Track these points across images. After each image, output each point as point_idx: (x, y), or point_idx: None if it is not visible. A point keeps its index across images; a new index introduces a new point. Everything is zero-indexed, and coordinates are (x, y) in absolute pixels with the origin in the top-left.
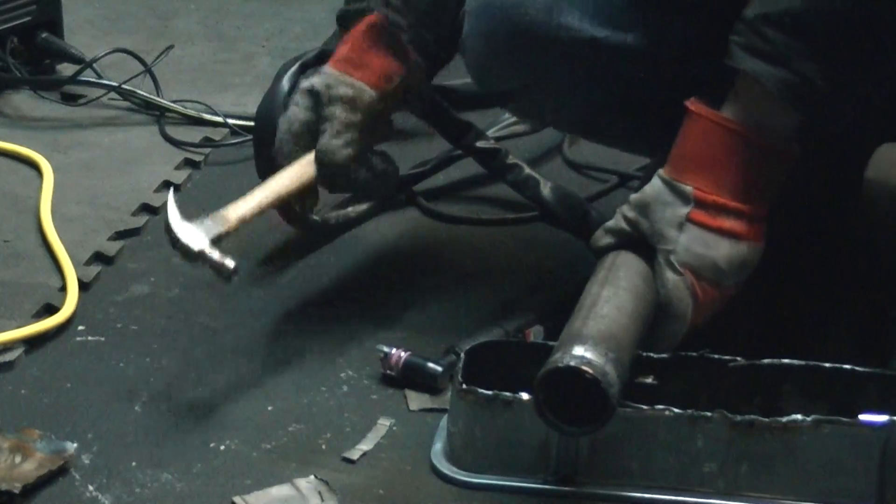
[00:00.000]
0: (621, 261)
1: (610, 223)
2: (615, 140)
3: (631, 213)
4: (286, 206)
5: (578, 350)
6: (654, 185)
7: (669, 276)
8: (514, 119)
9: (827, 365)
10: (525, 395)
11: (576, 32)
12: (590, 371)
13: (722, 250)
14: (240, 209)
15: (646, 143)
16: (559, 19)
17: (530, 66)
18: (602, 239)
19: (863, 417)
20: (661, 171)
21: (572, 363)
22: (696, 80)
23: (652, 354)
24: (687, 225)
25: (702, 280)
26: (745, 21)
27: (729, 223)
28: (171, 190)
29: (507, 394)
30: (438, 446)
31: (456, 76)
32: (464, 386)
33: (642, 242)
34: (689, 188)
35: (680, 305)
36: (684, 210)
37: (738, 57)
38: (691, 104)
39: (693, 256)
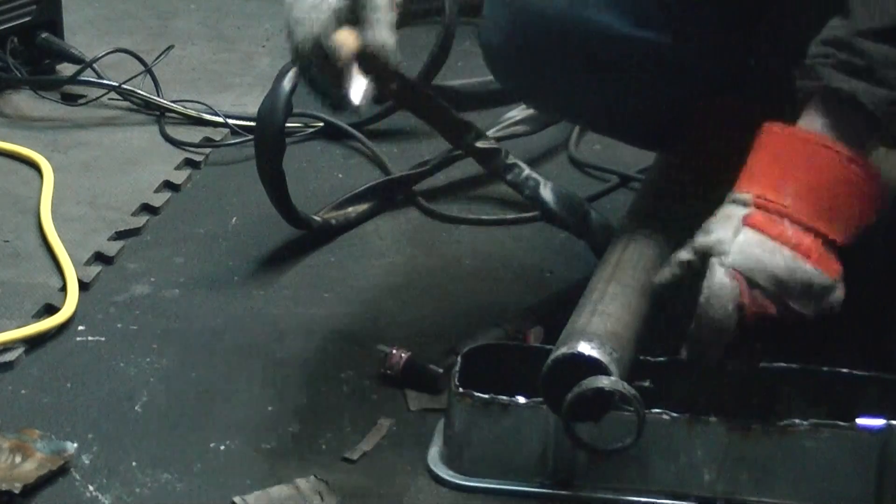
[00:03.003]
0: (628, 256)
1: (676, 255)
2: (630, 136)
3: (696, 239)
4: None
5: (584, 347)
6: (719, 208)
7: (717, 278)
8: (514, 119)
9: (825, 368)
10: (522, 399)
11: (597, 26)
12: (594, 356)
13: (781, 260)
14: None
15: (662, 140)
16: (581, 13)
17: (551, 60)
18: (664, 274)
19: (861, 421)
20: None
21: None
22: (719, 77)
23: (649, 357)
24: (744, 228)
25: (755, 289)
26: (833, 41)
27: (793, 234)
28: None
29: (504, 397)
30: (435, 449)
31: (456, 76)
32: (460, 389)
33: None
34: (748, 195)
35: (718, 312)
36: (741, 212)
37: (830, 76)
38: (767, 125)
39: (747, 259)
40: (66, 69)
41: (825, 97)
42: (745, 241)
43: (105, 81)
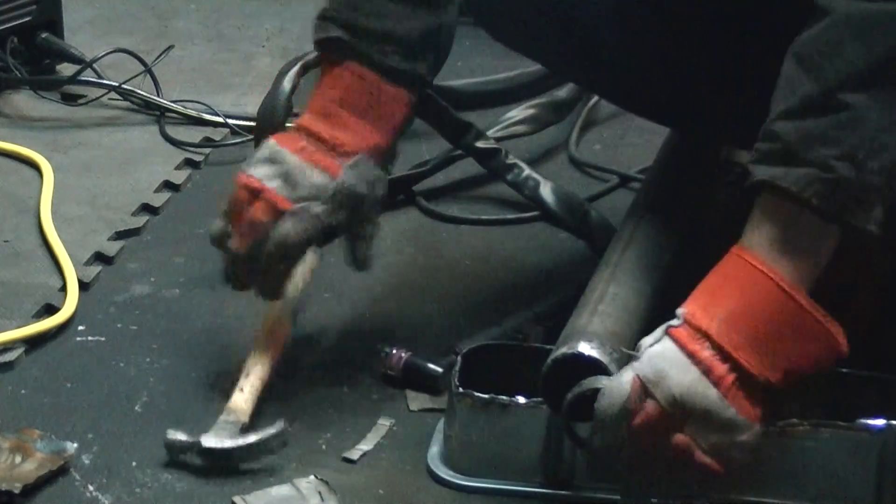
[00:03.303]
0: (628, 256)
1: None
2: (647, 103)
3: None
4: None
5: (584, 347)
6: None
7: (618, 378)
8: (514, 119)
9: None
10: (522, 399)
11: None
12: (594, 355)
13: (686, 379)
14: (246, 392)
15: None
16: None
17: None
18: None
19: (861, 421)
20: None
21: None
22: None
23: None
24: (664, 338)
25: (650, 399)
26: (760, 135)
27: (708, 356)
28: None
29: (504, 397)
30: (435, 449)
31: (456, 76)
32: (460, 389)
33: None
34: (683, 309)
35: (605, 410)
36: (672, 322)
37: (754, 171)
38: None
39: (651, 367)
40: (66, 69)
41: (760, 195)
42: (657, 351)
43: (105, 81)
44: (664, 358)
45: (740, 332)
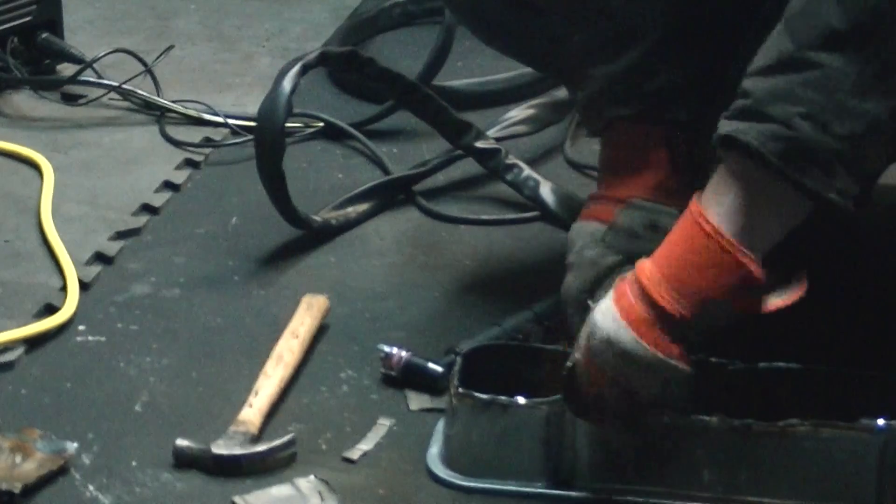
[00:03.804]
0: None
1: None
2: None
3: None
4: None
5: None
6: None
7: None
8: (514, 119)
9: (825, 368)
10: (522, 399)
11: None
12: None
13: (607, 325)
14: (255, 407)
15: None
16: None
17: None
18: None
19: (861, 421)
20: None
21: None
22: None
23: None
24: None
25: (579, 353)
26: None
27: (629, 303)
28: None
29: (504, 398)
30: (434, 450)
31: (456, 76)
32: (460, 390)
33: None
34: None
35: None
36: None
37: (720, 126)
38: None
39: (590, 322)
40: (66, 69)
41: (725, 153)
42: (600, 306)
43: (105, 81)
44: (599, 310)
45: (661, 270)
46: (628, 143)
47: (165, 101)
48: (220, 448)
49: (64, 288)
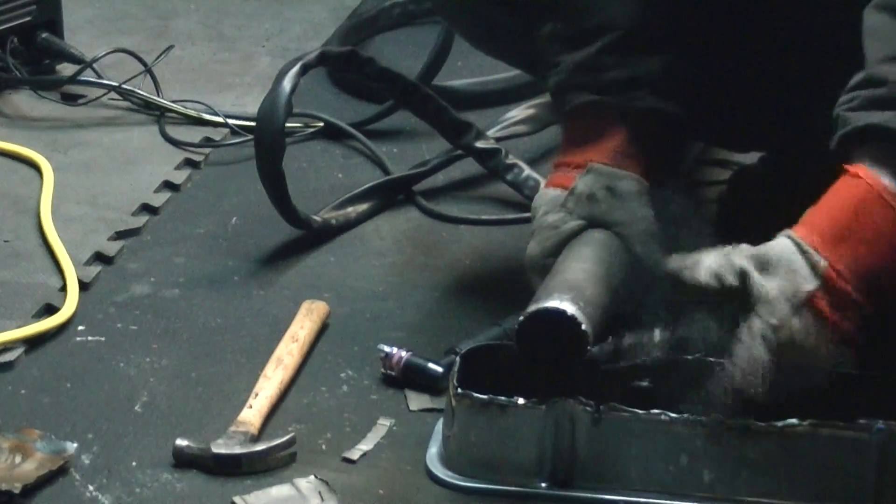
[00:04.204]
0: (586, 239)
1: (715, 264)
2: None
3: (744, 264)
4: None
5: (552, 303)
6: (782, 245)
7: (756, 351)
8: (514, 119)
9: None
10: (521, 400)
11: None
12: (565, 310)
13: (822, 352)
14: (255, 408)
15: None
16: None
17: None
18: (703, 276)
19: (861, 421)
20: (791, 231)
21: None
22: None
23: (647, 359)
24: (803, 310)
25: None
26: (855, 85)
27: (847, 326)
28: None
29: (503, 398)
30: (433, 450)
31: (456, 76)
32: (459, 390)
33: (745, 301)
34: (823, 262)
35: (745, 378)
36: (808, 287)
37: (858, 118)
38: (852, 166)
39: (794, 349)
40: (66, 69)
41: (866, 142)
42: (802, 325)
43: (105, 81)
44: (807, 333)
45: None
46: (588, 119)
47: (165, 101)
48: (219, 447)
49: (63, 288)
